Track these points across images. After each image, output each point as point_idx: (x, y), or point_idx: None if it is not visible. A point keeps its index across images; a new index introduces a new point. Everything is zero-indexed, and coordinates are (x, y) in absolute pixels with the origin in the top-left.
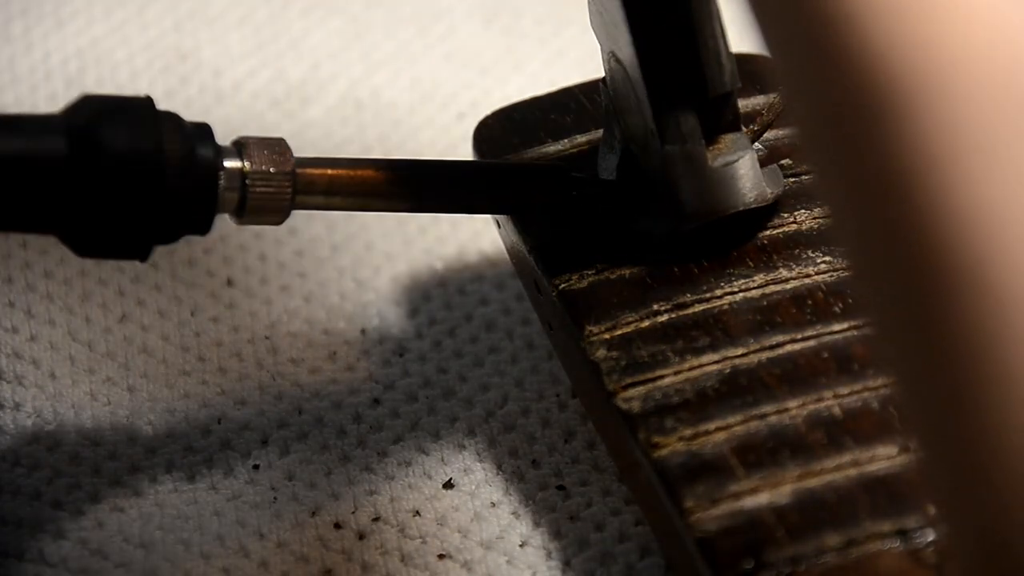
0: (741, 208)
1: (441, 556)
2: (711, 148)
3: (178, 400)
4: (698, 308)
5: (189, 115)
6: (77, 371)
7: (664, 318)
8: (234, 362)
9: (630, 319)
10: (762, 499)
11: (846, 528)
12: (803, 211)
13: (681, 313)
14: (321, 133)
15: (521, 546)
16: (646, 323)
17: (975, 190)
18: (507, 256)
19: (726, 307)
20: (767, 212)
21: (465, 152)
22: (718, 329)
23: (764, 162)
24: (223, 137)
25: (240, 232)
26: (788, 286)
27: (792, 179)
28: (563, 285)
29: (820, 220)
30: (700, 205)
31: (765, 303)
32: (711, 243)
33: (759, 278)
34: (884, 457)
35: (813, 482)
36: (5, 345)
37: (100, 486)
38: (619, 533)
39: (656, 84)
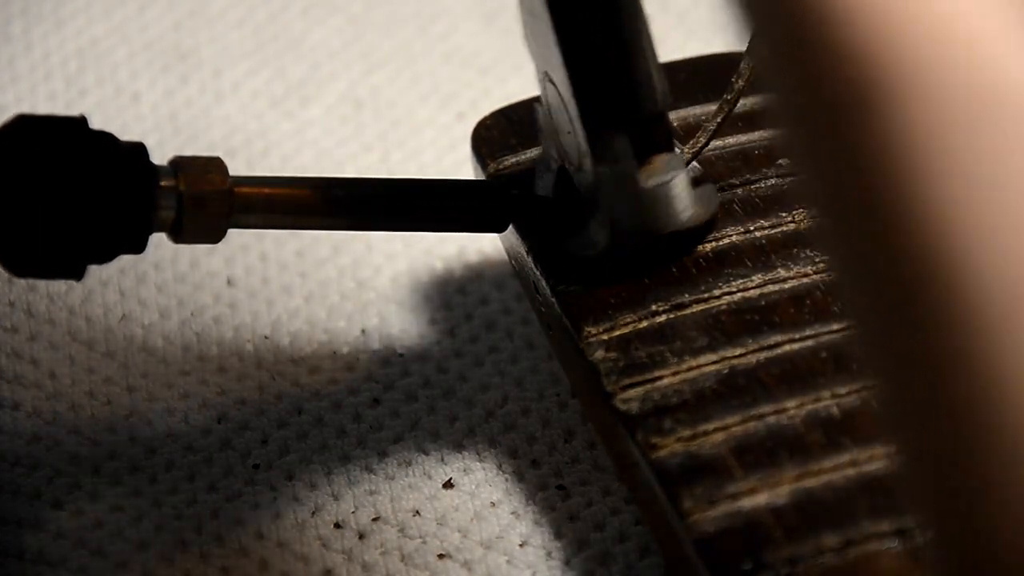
0: (674, 229)
1: (441, 556)
2: (644, 168)
3: (178, 400)
4: (696, 308)
5: (189, 115)
6: (77, 370)
7: (662, 319)
8: (234, 362)
9: (628, 320)
10: (760, 500)
11: (844, 528)
12: (801, 211)
13: (679, 313)
14: (321, 133)
15: (521, 546)
16: (644, 324)
17: (946, 191)
18: (507, 256)
19: (724, 307)
20: (702, 230)
21: (464, 152)
22: (716, 329)
23: (699, 181)
24: (223, 137)
25: (241, 232)
26: (786, 286)
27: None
28: (561, 286)
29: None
30: (633, 226)
31: (763, 303)
32: (647, 261)
33: (757, 278)
34: (882, 457)
35: (811, 482)
36: (4, 344)
37: (100, 486)
38: (619, 533)
39: (588, 106)
